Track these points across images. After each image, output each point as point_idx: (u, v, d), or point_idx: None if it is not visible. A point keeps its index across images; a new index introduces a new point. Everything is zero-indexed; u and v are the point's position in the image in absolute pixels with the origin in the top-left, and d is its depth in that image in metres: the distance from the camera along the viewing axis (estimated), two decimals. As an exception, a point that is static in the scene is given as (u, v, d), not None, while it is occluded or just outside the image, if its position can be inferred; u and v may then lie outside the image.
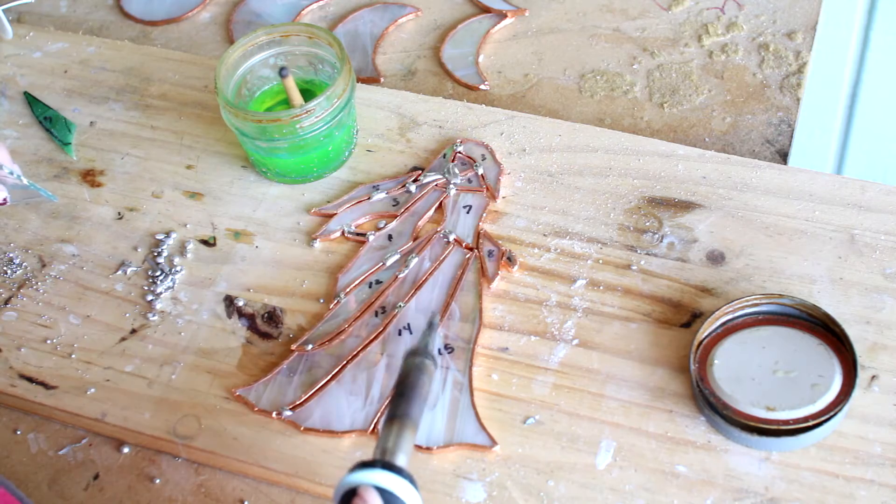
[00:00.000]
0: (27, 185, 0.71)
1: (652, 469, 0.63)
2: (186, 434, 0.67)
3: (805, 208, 0.73)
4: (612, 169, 0.77)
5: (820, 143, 1.20)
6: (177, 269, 0.75)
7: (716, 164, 0.76)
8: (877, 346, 0.67)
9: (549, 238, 0.74)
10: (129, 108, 0.86)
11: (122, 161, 0.83)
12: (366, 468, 0.53)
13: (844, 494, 0.61)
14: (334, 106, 0.75)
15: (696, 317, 0.69)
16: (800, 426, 0.62)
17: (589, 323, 0.69)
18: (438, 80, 0.88)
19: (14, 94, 0.88)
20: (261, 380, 0.68)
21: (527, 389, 0.67)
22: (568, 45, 0.89)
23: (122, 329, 0.73)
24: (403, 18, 0.93)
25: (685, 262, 0.72)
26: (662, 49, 0.88)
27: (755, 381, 0.64)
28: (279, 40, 0.79)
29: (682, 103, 0.84)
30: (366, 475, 0.53)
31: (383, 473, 0.53)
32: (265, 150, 0.77)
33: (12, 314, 0.74)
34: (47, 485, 0.67)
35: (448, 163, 0.78)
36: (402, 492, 0.53)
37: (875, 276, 0.70)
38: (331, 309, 0.71)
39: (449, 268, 0.73)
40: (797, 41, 0.87)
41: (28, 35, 0.93)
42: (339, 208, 0.77)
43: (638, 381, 0.67)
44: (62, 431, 0.70)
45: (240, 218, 0.78)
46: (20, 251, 0.78)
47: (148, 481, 0.67)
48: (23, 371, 0.71)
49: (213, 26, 0.95)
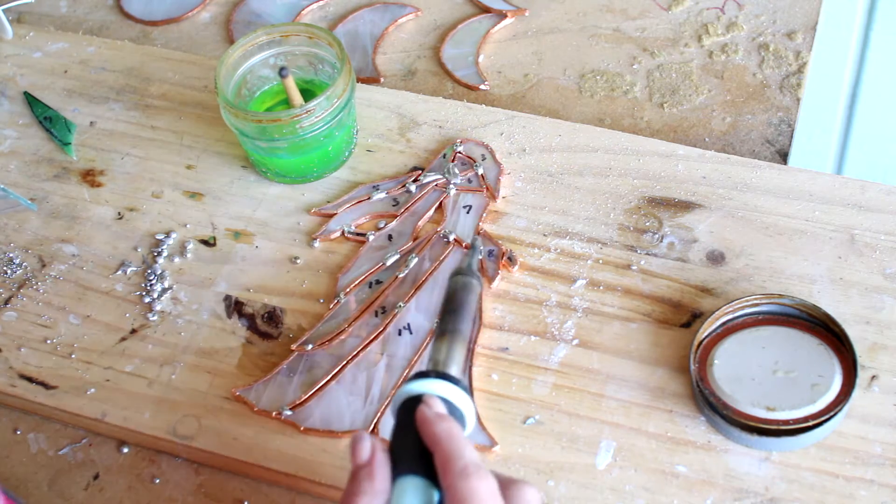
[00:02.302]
0: (4, 194, 0.71)
1: (652, 469, 0.63)
2: (186, 434, 0.67)
3: (805, 208, 0.73)
4: (612, 169, 0.77)
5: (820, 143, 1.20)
6: (177, 270, 0.75)
7: (716, 164, 0.76)
8: (877, 346, 0.67)
9: (549, 238, 0.74)
10: (129, 108, 0.86)
11: (122, 161, 0.83)
12: (422, 378, 0.53)
13: (844, 494, 0.61)
14: (334, 106, 0.75)
15: (696, 317, 0.69)
16: (800, 426, 0.62)
17: (589, 323, 0.69)
18: (438, 80, 0.88)
19: (14, 94, 0.88)
20: (261, 380, 0.68)
21: (527, 389, 0.67)
22: (568, 45, 0.89)
23: (122, 329, 0.73)
24: (403, 18, 0.93)
25: (685, 262, 0.72)
26: (662, 49, 0.88)
27: (755, 381, 0.64)
28: (279, 40, 0.80)
29: (682, 103, 0.84)
30: (425, 384, 0.53)
31: (441, 383, 0.53)
32: (265, 150, 0.77)
33: (12, 314, 0.74)
34: (47, 485, 0.67)
35: (448, 163, 0.78)
36: (460, 401, 0.53)
37: (875, 276, 0.70)
38: (331, 309, 0.71)
39: (449, 268, 0.73)
40: (797, 41, 0.87)
41: (28, 35, 0.93)
42: (339, 208, 0.77)
43: (638, 381, 0.67)
44: (62, 431, 0.70)
45: (240, 218, 0.78)
46: (20, 251, 0.78)
47: (148, 481, 0.67)
48: (23, 371, 0.71)
49: (213, 26, 0.95)
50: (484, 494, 0.48)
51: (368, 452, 0.52)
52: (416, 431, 0.51)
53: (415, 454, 0.51)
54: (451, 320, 0.57)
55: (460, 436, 0.50)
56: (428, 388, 0.53)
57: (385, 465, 0.51)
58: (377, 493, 0.50)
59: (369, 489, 0.50)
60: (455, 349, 0.56)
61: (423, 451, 0.51)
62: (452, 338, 0.56)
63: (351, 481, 0.51)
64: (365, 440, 0.52)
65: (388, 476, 0.51)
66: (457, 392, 0.53)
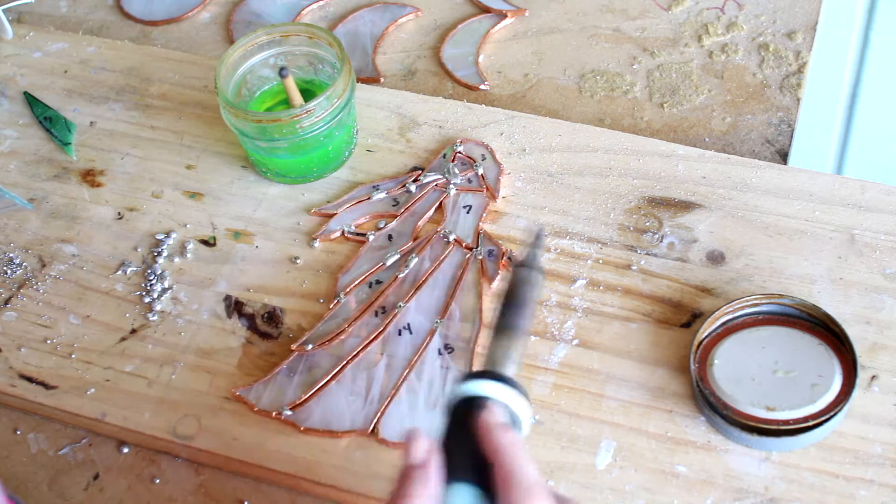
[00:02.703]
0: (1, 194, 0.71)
1: (652, 469, 0.63)
2: (186, 434, 0.67)
3: (805, 208, 0.73)
4: (612, 169, 0.77)
5: (820, 143, 1.20)
6: (177, 270, 0.75)
7: (716, 164, 0.76)
8: (877, 346, 0.67)
9: (549, 238, 0.74)
10: (129, 108, 0.86)
11: (122, 161, 0.83)
12: (480, 378, 0.51)
13: (844, 494, 0.61)
14: (334, 106, 0.75)
15: (696, 317, 0.69)
16: (800, 426, 0.62)
17: (589, 323, 0.69)
18: (438, 80, 0.88)
19: (14, 94, 0.88)
20: (261, 380, 0.68)
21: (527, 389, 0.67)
22: (568, 45, 0.89)
23: (122, 329, 0.73)
24: (403, 18, 0.93)
25: (685, 262, 0.72)
26: (662, 49, 0.88)
27: (755, 381, 0.64)
28: (279, 40, 0.80)
29: (682, 103, 0.84)
30: (485, 387, 0.50)
31: (502, 387, 0.51)
32: (265, 150, 0.77)
33: (12, 314, 0.74)
34: (47, 485, 0.67)
35: (448, 163, 0.78)
36: (519, 407, 0.51)
37: (875, 276, 0.70)
38: (331, 309, 0.71)
39: (449, 268, 0.73)
40: (797, 41, 0.87)
41: (28, 35, 0.93)
42: (339, 208, 0.77)
43: (638, 381, 0.67)
44: (62, 431, 0.70)
45: (240, 218, 0.78)
46: (20, 251, 0.78)
47: (148, 481, 0.67)
48: (23, 371, 0.71)
49: (213, 26, 0.95)
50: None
51: (425, 453, 0.49)
52: (472, 437, 0.49)
53: (470, 460, 0.48)
54: (512, 315, 0.54)
55: (522, 450, 0.48)
56: (488, 391, 0.51)
57: (440, 469, 0.48)
58: (431, 497, 0.47)
59: (423, 493, 0.47)
60: (513, 347, 0.53)
61: (478, 459, 0.48)
62: (513, 335, 0.53)
63: (402, 481, 0.48)
64: (422, 439, 0.49)
65: (441, 480, 0.48)
66: (517, 398, 0.51)
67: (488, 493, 0.47)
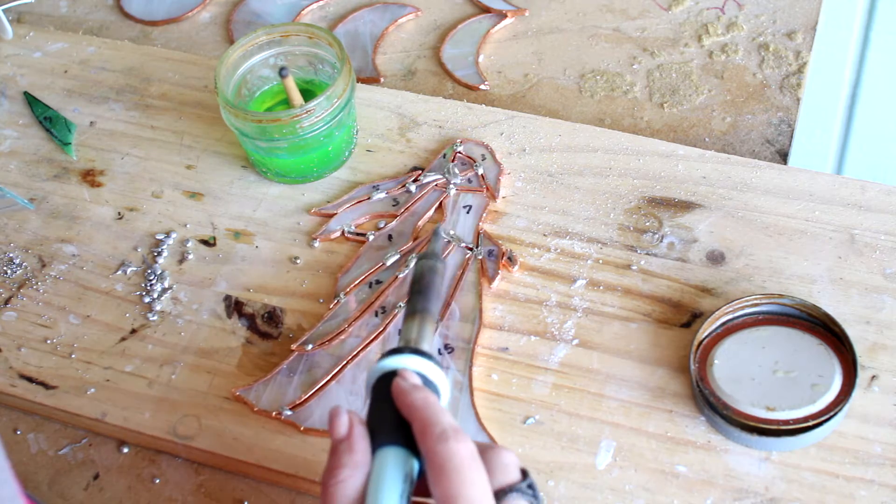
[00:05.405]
0: (1, 193, 0.71)
1: (652, 469, 0.63)
2: (186, 434, 0.67)
3: (805, 208, 0.73)
4: (612, 169, 0.77)
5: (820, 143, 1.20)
6: (177, 269, 0.75)
7: (716, 164, 0.76)
8: (877, 346, 0.67)
9: (549, 238, 0.74)
10: (129, 108, 0.86)
11: (122, 161, 0.83)
12: (395, 354, 0.54)
13: (844, 494, 0.61)
14: (334, 106, 0.75)
15: (696, 317, 0.69)
16: (800, 426, 0.62)
17: (589, 323, 0.69)
18: (438, 80, 0.88)
19: (14, 94, 0.88)
20: (261, 380, 0.68)
21: (527, 389, 0.67)
22: (568, 45, 0.89)
23: (122, 329, 0.73)
24: (403, 18, 0.93)
25: (685, 262, 0.72)
26: (662, 49, 0.88)
27: (755, 381, 0.64)
28: (279, 40, 0.80)
29: (682, 103, 0.84)
30: (399, 360, 0.54)
31: (415, 357, 0.54)
32: (265, 150, 0.77)
33: (12, 314, 0.74)
34: (47, 485, 0.67)
35: (448, 163, 0.78)
36: (434, 374, 0.54)
37: (875, 276, 0.70)
38: (331, 309, 0.71)
39: (449, 268, 0.73)
40: (797, 41, 0.87)
41: (28, 35, 0.93)
42: (339, 208, 0.77)
43: (638, 381, 0.67)
44: (62, 431, 0.70)
45: (240, 218, 0.78)
46: (20, 251, 0.78)
47: (148, 481, 0.67)
48: (23, 371, 0.71)
49: (213, 26, 0.95)
50: (463, 456, 0.49)
51: (346, 426, 0.52)
52: (392, 404, 0.52)
53: (393, 425, 0.52)
54: (420, 300, 0.57)
55: (436, 403, 0.51)
56: (402, 363, 0.54)
57: (364, 438, 0.52)
58: (358, 464, 0.51)
59: (350, 462, 0.51)
60: (426, 327, 0.56)
61: (400, 422, 0.51)
62: (423, 317, 0.57)
63: (331, 456, 0.52)
64: (342, 414, 0.53)
65: (367, 448, 0.52)
66: (430, 366, 0.54)
67: (414, 452, 0.51)
